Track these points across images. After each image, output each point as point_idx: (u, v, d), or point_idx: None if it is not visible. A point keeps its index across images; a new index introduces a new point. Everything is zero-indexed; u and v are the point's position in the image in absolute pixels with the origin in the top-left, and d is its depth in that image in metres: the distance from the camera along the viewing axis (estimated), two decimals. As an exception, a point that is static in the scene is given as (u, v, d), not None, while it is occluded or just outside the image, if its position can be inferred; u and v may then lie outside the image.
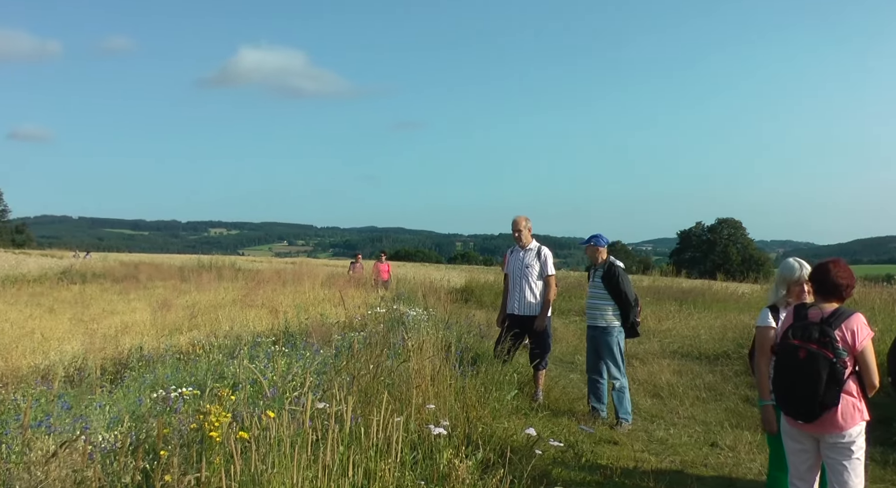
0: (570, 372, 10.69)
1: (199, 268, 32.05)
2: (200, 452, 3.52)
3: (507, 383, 7.49)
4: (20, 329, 12.59)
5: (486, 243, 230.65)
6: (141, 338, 10.70)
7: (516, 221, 8.50)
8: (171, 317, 13.86)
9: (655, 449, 6.76)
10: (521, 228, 8.47)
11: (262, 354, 7.60)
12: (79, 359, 9.10)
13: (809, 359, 4.01)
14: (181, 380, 6.62)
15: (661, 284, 24.50)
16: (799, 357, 4.05)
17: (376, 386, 5.26)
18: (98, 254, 56.48)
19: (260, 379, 4.50)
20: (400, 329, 8.46)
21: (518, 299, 8.39)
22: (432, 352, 6.67)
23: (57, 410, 5.16)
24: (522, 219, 8.52)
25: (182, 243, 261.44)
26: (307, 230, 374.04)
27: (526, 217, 8.57)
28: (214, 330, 10.69)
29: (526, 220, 8.54)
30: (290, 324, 10.97)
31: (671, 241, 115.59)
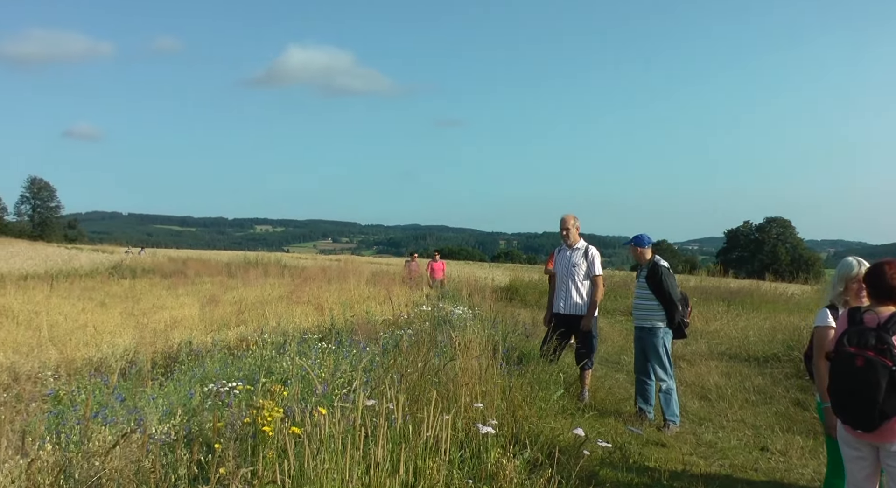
0: (616, 373, 10.60)
1: (245, 264, 32.49)
2: (254, 446, 3.57)
3: (552, 383, 7.45)
4: (73, 322, 12.88)
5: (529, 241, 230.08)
6: (190, 333, 10.88)
7: (565, 219, 8.44)
8: (218, 312, 14.07)
9: (704, 452, 6.66)
10: (569, 226, 8.41)
11: (310, 351, 7.67)
12: (130, 352, 9.27)
13: (867, 366, 3.88)
14: (229, 375, 6.72)
15: (708, 284, 24.19)
16: (856, 365, 3.92)
17: (424, 384, 5.26)
18: (148, 249, 57.51)
19: (311, 375, 4.53)
20: (446, 327, 8.46)
21: (564, 298, 8.34)
22: (479, 350, 6.66)
23: (112, 402, 5.27)
24: (571, 218, 8.46)
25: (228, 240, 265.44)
26: (351, 227, 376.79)
27: (574, 216, 8.51)
28: (261, 325, 10.81)
29: (574, 219, 8.48)
30: (336, 321, 11.06)
31: (718, 240, 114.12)
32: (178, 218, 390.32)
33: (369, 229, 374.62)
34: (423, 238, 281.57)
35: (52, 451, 3.42)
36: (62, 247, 57.56)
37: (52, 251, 47.30)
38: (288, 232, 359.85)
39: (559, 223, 8.49)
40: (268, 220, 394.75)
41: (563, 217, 8.48)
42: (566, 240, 8.46)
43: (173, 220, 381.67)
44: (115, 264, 32.29)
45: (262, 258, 39.33)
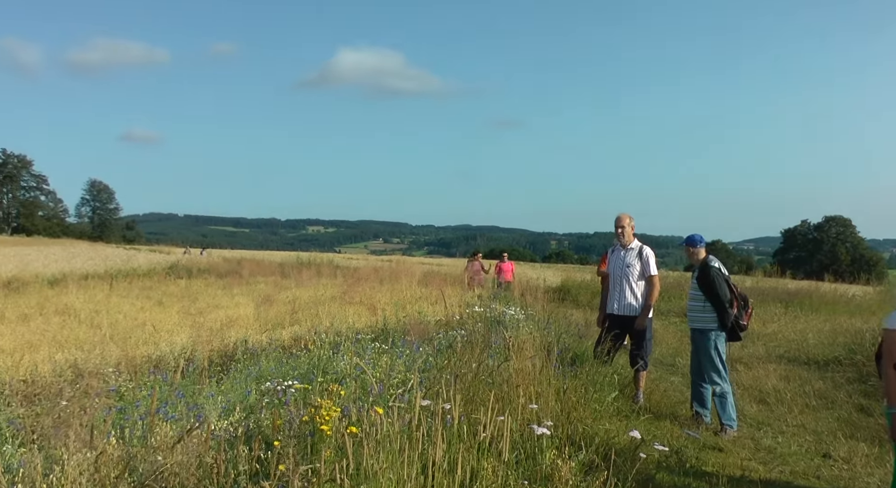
0: (670, 375, 10.46)
1: (298, 264, 32.86)
2: (312, 445, 3.61)
3: (607, 384, 7.39)
4: (133, 320, 13.17)
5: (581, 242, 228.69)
6: (245, 332, 11.03)
7: (620, 218, 8.36)
8: (273, 312, 14.24)
9: (763, 457, 6.53)
10: (624, 225, 8.33)
11: (363, 350, 7.72)
12: (187, 350, 9.43)
13: None
14: (284, 374, 6.79)
15: (764, 285, 23.74)
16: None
17: (478, 385, 5.27)
18: (194, 249, 58.33)
19: (369, 375, 4.57)
20: (499, 328, 8.45)
21: (618, 299, 8.27)
22: (532, 351, 6.64)
23: (173, 399, 5.38)
24: (626, 217, 8.38)
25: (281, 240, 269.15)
26: (402, 228, 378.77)
27: (630, 215, 8.43)
28: (315, 325, 10.91)
29: (630, 218, 8.40)
30: (389, 322, 11.12)
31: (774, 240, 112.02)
32: (231, 219, 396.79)
33: (420, 229, 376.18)
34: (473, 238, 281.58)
35: (117, 445, 3.50)
36: (121, 248, 58.92)
37: (111, 251, 48.45)
38: (339, 232, 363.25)
39: (614, 222, 8.42)
40: (319, 221, 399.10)
41: (618, 216, 8.40)
42: (621, 240, 8.38)
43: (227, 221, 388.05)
44: (171, 264, 32.89)
45: (314, 258, 39.75)
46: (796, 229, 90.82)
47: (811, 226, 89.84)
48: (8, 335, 11.03)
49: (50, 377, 7.97)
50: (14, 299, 17.28)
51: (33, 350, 9.71)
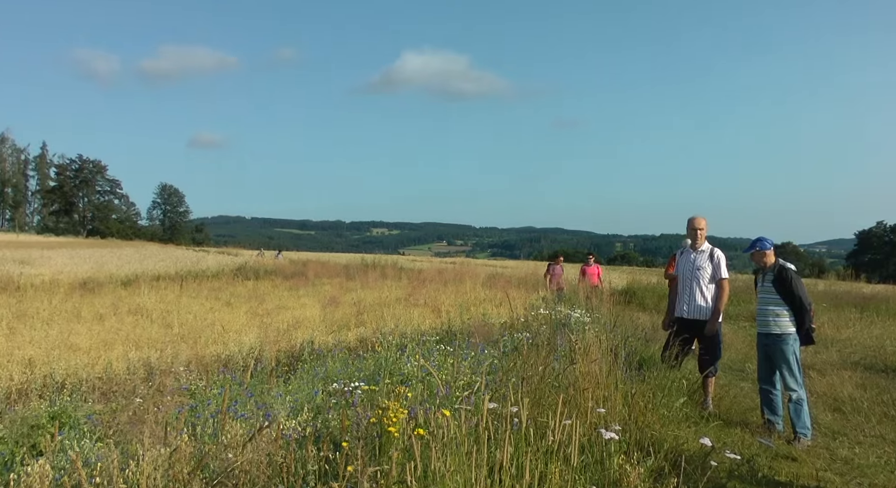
0: (740, 381, 10.21)
1: (363, 266, 33.18)
2: (379, 446, 3.63)
3: (675, 389, 7.25)
4: (202, 320, 13.46)
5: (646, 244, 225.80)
6: (311, 333, 11.17)
7: (697, 220, 8.20)
8: (338, 313, 14.39)
9: (839, 468, 6.30)
10: (702, 227, 8.18)
11: (428, 352, 7.74)
12: (255, 350, 9.60)
13: None
14: (350, 375, 6.85)
15: (838, 289, 23.06)
16: None
17: (544, 388, 5.22)
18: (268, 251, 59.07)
19: (435, 377, 4.57)
20: (564, 331, 8.37)
21: (688, 302, 8.12)
22: (598, 355, 6.55)
23: (243, 398, 5.47)
24: (703, 219, 8.23)
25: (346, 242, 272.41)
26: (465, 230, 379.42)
27: (705, 217, 8.28)
28: (380, 327, 11.00)
29: (705, 221, 8.25)
30: (453, 324, 11.14)
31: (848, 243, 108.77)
32: (297, 221, 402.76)
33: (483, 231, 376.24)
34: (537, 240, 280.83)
35: (189, 442, 3.57)
36: (190, 250, 60.21)
37: (181, 253, 49.54)
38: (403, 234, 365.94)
39: (688, 223, 8.27)
40: (384, 223, 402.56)
41: (694, 218, 8.25)
42: (694, 242, 8.22)
43: (293, 224, 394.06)
44: (239, 266, 33.48)
45: (379, 260, 40.12)
46: (871, 231, 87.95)
47: (887, 228, 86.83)
48: (84, 334, 11.38)
49: (124, 374, 8.22)
50: (90, 299, 17.83)
51: (108, 348, 10.00)
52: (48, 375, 7.90)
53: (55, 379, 7.83)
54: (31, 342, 10.42)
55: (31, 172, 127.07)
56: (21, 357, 8.97)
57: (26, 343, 10.30)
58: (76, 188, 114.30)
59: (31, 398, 7.06)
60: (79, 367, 8.28)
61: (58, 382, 7.77)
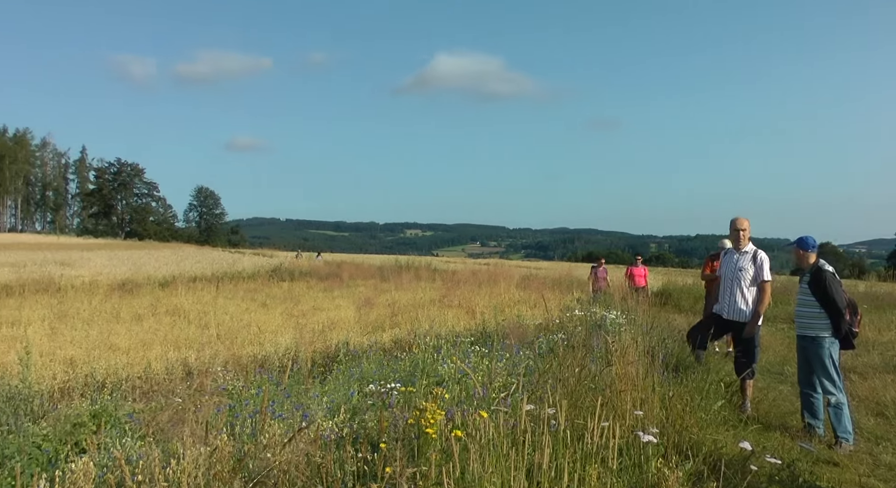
0: (779, 384, 10.06)
1: (397, 268, 33.27)
2: (418, 447, 3.63)
3: (712, 392, 7.17)
4: (238, 321, 13.61)
5: (682, 245, 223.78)
6: (346, 334, 11.23)
7: (740, 221, 8.12)
8: (373, 314, 14.45)
9: (883, 475, 6.16)
10: (744, 227, 8.10)
11: (463, 354, 7.73)
12: (291, 350, 9.67)
13: None
14: (385, 376, 6.87)
15: (879, 290, 22.63)
16: None
17: (581, 389, 5.19)
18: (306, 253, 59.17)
19: (472, 379, 4.57)
20: (600, 332, 8.32)
21: (728, 303, 8.03)
22: (635, 356, 6.50)
23: (280, 398, 5.51)
24: (746, 220, 8.15)
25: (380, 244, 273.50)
26: (499, 231, 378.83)
27: (748, 219, 8.19)
28: (415, 328, 11.02)
29: (748, 222, 8.17)
30: (488, 325, 11.12)
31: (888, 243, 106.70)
32: (331, 223, 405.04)
33: (517, 233, 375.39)
34: (571, 241, 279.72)
35: (228, 442, 3.60)
36: (226, 251, 60.80)
37: (216, 255, 50.07)
38: (437, 236, 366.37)
39: (730, 225, 8.19)
40: (417, 225, 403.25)
41: (736, 219, 8.16)
42: (738, 243, 8.14)
43: (327, 225, 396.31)
44: (274, 267, 33.73)
45: (412, 262, 40.20)
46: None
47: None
48: (124, 334, 11.56)
49: (163, 374, 8.34)
50: (128, 300, 18.10)
51: (147, 348, 10.15)
52: (89, 374, 8.03)
53: (96, 379, 7.95)
54: (72, 342, 10.61)
55: (71, 176, 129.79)
56: (63, 356, 9.14)
57: (67, 343, 10.48)
58: (115, 191, 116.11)
59: (73, 397, 7.19)
60: (118, 367, 8.41)
61: (98, 381, 7.89)
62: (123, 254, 45.71)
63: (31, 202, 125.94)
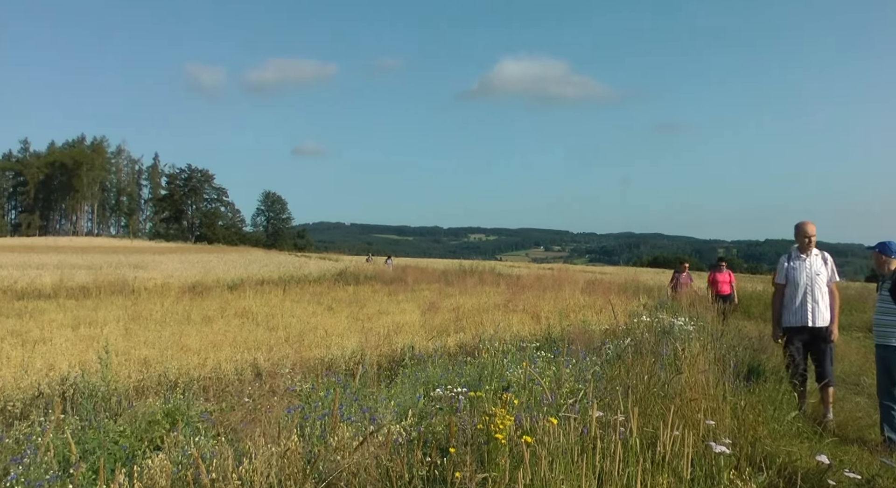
0: (855, 395, 9.73)
1: (461, 272, 33.30)
2: (487, 452, 3.62)
3: (786, 402, 6.98)
4: (305, 324, 13.78)
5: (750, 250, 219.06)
6: (411, 338, 11.26)
7: (810, 226, 7.95)
8: (437, 319, 14.47)
9: (969, 492, 5.90)
10: (814, 233, 7.95)
11: (529, 359, 7.69)
12: (357, 354, 9.75)
13: None
14: (450, 381, 6.87)
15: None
16: None
17: (650, 397, 5.11)
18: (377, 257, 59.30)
19: (541, 384, 4.54)
20: (668, 339, 8.19)
21: (811, 310, 7.83)
22: (705, 364, 6.37)
23: (347, 401, 5.56)
24: (814, 225, 7.99)
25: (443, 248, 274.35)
26: (563, 236, 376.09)
27: (814, 223, 8.02)
28: (479, 333, 11.00)
29: (815, 227, 7.99)
30: (553, 330, 11.03)
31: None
32: (395, 227, 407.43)
33: (581, 237, 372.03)
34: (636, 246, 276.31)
35: (299, 443, 3.64)
36: (292, 255, 61.72)
37: (283, 258, 50.92)
38: (500, 240, 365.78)
39: (797, 230, 8.00)
40: (481, 229, 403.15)
41: (805, 224, 7.98)
42: (808, 248, 7.95)
43: (391, 230, 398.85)
44: (340, 271, 34.12)
45: (476, 266, 40.21)
46: None
47: None
48: (194, 335, 11.82)
49: (232, 375, 8.49)
50: (198, 302, 18.53)
51: (217, 349, 10.35)
52: (162, 374, 8.23)
53: (168, 378, 8.15)
54: (145, 342, 10.89)
55: (144, 182, 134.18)
56: (137, 356, 9.39)
57: (141, 343, 10.77)
58: (185, 196, 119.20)
59: (147, 395, 7.37)
60: (190, 367, 8.59)
61: (171, 381, 8.08)
62: (193, 257, 46.90)
63: (107, 207, 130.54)
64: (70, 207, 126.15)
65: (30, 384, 7.31)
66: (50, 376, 7.64)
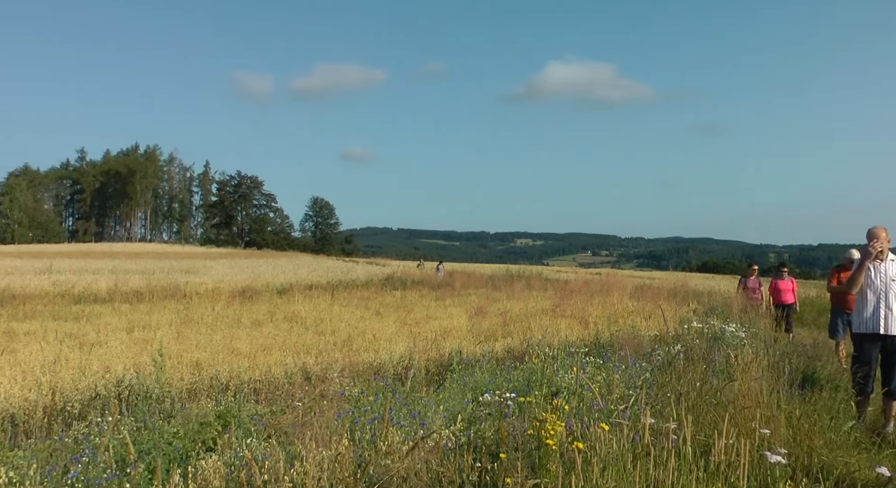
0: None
1: (507, 277, 33.22)
2: (538, 458, 3.60)
3: (842, 412, 6.81)
4: (353, 328, 13.86)
5: (803, 254, 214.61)
6: (459, 343, 11.25)
7: (884, 231, 7.73)
8: (485, 323, 14.45)
9: None
10: (889, 238, 7.72)
11: (578, 364, 7.63)
12: (405, 358, 9.78)
13: None
14: (498, 386, 6.84)
15: None
16: None
17: (702, 405, 5.03)
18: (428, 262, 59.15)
19: (593, 390, 4.50)
20: (721, 346, 8.06)
21: (883, 317, 7.59)
22: (759, 372, 6.25)
23: (395, 405, 5.58)
24: (886, 230, 7.76)
25: (490, 253, 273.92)
26: (610, 240, 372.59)
27: (886, 228, 7.79)
28: (527, 338, 10.95)
29: (887, 231, 7.76)
30: (601, 335, 10.95)
31: None
32: (442, 232, 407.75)
33: (629, 242, 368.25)
34: (685, 251, 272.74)
35: (349, 447, 3.66)
36: (340, 260, 62.14)
37: (331, 263, 51.24)
38: (547, 245, 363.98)
39: (870, 235, 7.77)
40: (527, 234, 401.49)
41: (877, 228, 7.75)
42: (882, 254, 7.72)
43: (438, 235, 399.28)
44: (387, 276, 34.24)
45: (523, 271, 40.09)
46: None
47: None
48: (245, 339, 11.98)
49: (282, 378, 8.58)
50: (248, 306, 18.78)
51: (267, 353, 10.47)
52: (214, 377, 8.35)
53: (220, 381, 8.26)
54: (197, 346, 11.07)
55: (195, 189, 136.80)
56: (189, 359, 9.55)
57: (193, 346, 10.95)
58: (235, 202, 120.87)
59: (199, 397, 7.48)
60: (241, 370, 8.70)
61: (222, 383, 8.20)
62: (243, 262, 47.48)
63: (159, 213, 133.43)
64: (124, 214, 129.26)
65: (87, 385, 7.49)
66: (106, 378, 7.82)
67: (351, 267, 44.68)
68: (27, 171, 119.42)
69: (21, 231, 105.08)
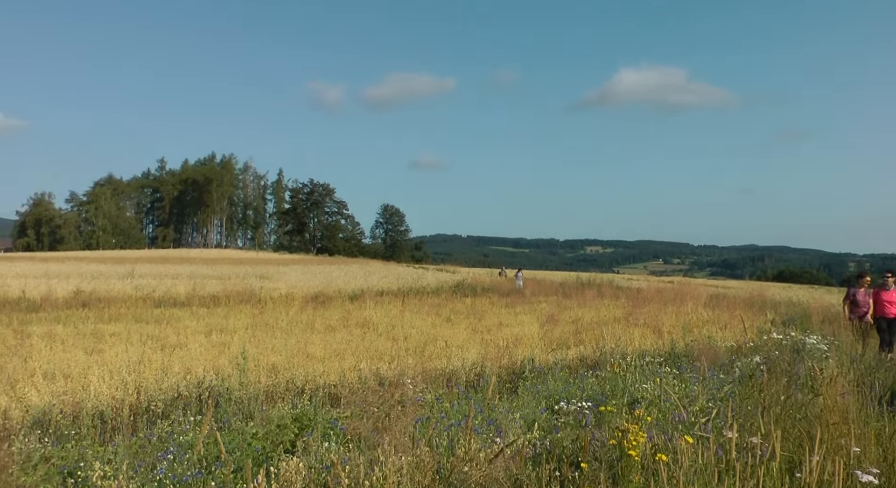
0: None
1: (578, 284, 32.90)
2: (620, 469, 3.54)
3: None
4: (425, 335, 13.91)
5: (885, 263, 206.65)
6: (531, 351, 11.18)
7: None
8: (556, 331, 14.33)
9: None
10: None
11: (653, 375, 7.51)
12: (477, 365, 9.77)
13: None
14: (572, 394, 6.77)
15: None
16: None
17: (786, 419, 4.88)
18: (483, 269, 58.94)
19: (676, 401, 4.41)
20: (803, 358, 7.82)
21: None
22: (845, 386, 6.03)
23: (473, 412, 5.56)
24: None
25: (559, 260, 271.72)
26: (682, 248, 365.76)
27: None
28: (600, 346, 10.83)
29: None
30: (676, 345, 10.75)
31: None
32: (511, 239, 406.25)
33: (702, 250, 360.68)
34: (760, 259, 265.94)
35: (428, 453, 3.67)
36: (410, 267, 62.44)
37: (401, 270, 51.54)
38: (617, 252, 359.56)
39: None
40: (597, 241, 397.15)
41: None
42: None
43: (507, 242, 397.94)
44: (457, 283, 34.25)
45: (594, 279, 39.65)
46: None
47: None
48: (318, 344, 12.14)
49: (356, 383, 8.66)
50: (321, 312, 19.02)
51: (340, 358, 10.59)
52: (290, 380, 8.49)
53: (296, 385, 8.40)
54: (272, 350, 11.27)
55: (269, 196, 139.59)
56: (266, 363, 9.72)
57: (269, 350, 11.15)
58: (307, 210, 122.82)
59: (276, 400, 7.62)
60: (315, 375, 8.82)
61: (298, 387, 8.32)
62: (315, 268, 48.18)
63: (234, 221, 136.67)
64: (201, 221, 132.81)
65: (169, 386, 7.72)
66: (187, 379, 8.03)
67: (421, 273, 44.84)
68: (111, 181, 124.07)
69: (105, 237, 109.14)
